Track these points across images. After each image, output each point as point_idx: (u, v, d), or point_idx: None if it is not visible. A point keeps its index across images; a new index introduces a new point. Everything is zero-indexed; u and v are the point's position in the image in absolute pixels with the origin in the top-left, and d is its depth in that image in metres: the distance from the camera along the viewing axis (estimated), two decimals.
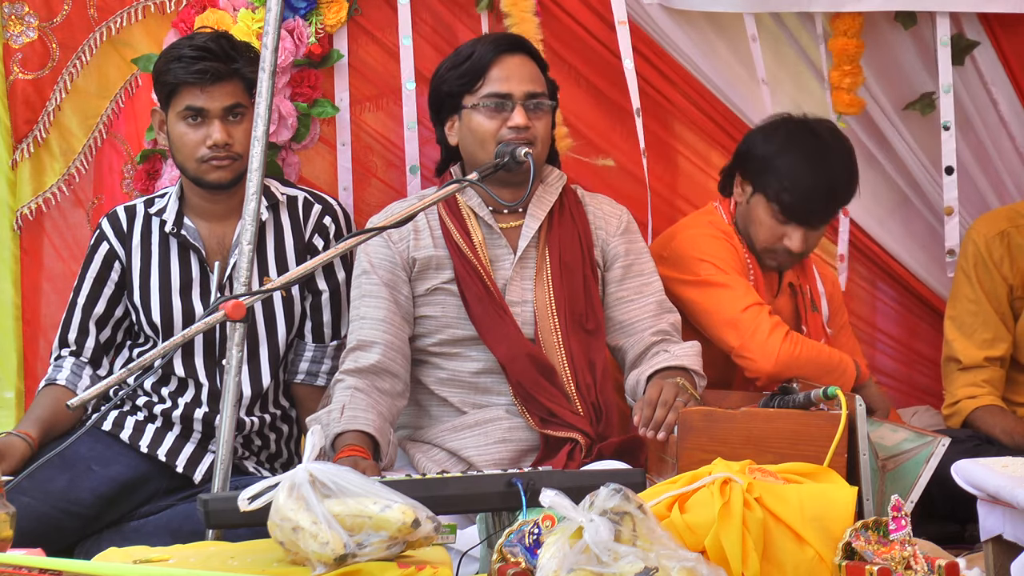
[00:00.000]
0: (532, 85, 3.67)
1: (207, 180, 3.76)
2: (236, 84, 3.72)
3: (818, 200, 3.94)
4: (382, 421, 3.54)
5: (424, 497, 2.67)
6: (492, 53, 3.67)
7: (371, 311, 3.66)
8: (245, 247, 3.37)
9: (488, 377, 3.69)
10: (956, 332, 4.27)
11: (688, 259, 3.95)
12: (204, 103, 3.70)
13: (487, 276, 3.67)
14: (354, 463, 3.30)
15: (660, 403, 3.45)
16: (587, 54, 4.36)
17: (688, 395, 3.51)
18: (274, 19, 3.39)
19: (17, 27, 4.19)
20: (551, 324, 3.68)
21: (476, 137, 3.65)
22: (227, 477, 3.28)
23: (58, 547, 3.47)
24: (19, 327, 4.22)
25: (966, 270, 4.27)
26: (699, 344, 3.75)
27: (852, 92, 4.42)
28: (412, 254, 3.71)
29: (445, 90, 3.72)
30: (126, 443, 3.75)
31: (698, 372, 3.66)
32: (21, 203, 4.22)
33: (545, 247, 3.72)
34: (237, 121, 3.73)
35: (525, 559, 2.63)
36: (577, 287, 3.71)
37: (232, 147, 3.71)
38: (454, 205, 3.73)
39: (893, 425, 3.78)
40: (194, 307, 3.80)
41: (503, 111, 3.64)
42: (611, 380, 3.78)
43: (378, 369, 3.61)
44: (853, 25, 4.38)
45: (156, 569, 2.61)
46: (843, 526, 2.75)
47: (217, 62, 3.70)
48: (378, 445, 3.50)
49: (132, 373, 3.11)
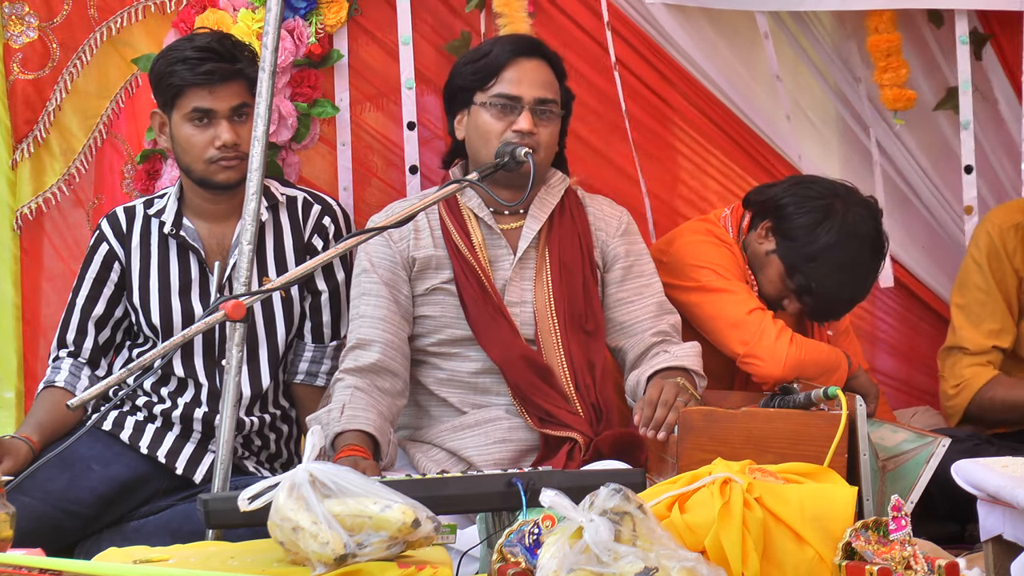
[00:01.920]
0: (543, 91, 3.66)
1: (215, 181, 3.75)
2: (241, 84, 3.72)
3: (835, 310, 3.97)
4: (382, 420, 3.54)
5: (424, 497, 2.68)
6: (509, 54, 3.67)
7: (370, 310, 3.66)
8: (245, 247, 3.37)
9: (487, 377, 3.69)
10: (964, 320, 4.21)
11: (687, 266, 3.94)
12: (211, 104, 3.70)
13: (485, 277, 3.67)
14: (354, 463, 3.30)
15: (660, 403, 3.45)
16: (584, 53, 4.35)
17: (688, 395, 3.51)
18: (274, 19, 3.39)
19: (17, 27, 4.19)
20: (551, 325, 3.68)
21: (480, 134, 3.65)
22: (227, 477, 3.28)
23: (58, 547, 3.47)
24: (19, 327, 4.22)
25: (977, 259, 4.23)
26: (699, 345, 3.75)
27: (898, 86, 4.39)
28: (412, 253, 3.71)
29: (459, 83, 3.73)
30: (126, 443, 3.74)
31: (698, 372, 3.66)
32: (21, 203, 4.22)
33: (545, 248, 3.72)
34: (243, 121, 3.73)
35: (525, 559, 2.63)
36: (576, 288, 3.71)
37: (240, 147, 3.71)
38: (454, 205, 3.73)
39: (893, 426, 3.78)
40: (194, 308, 3.79)
41: (510, 113, 3.63)
42: (611, 381, 3.78)
43: (378, 368, 3.61)
44: (883, 20, 4.36)
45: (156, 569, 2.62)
46: (843, 526, 2.75)
47: (223, 63, 3.70)
48: (378, 445, 3.50)
49: (131, 373, 3.11)
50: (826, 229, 3.83)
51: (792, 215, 3.89)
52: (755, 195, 4.05)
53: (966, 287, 4.25)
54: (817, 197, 3.90)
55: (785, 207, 3.91)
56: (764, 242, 3.94)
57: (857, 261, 3.87)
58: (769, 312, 3.88)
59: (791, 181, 4.06)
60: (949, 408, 4.25)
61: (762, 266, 3.95)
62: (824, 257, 3.83)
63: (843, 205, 3.87)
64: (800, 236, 3.85)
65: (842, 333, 4.21)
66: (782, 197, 3.94)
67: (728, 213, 4.07)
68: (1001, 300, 4.21)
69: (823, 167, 4.47)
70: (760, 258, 3.95)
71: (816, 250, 3.83)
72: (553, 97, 3.68)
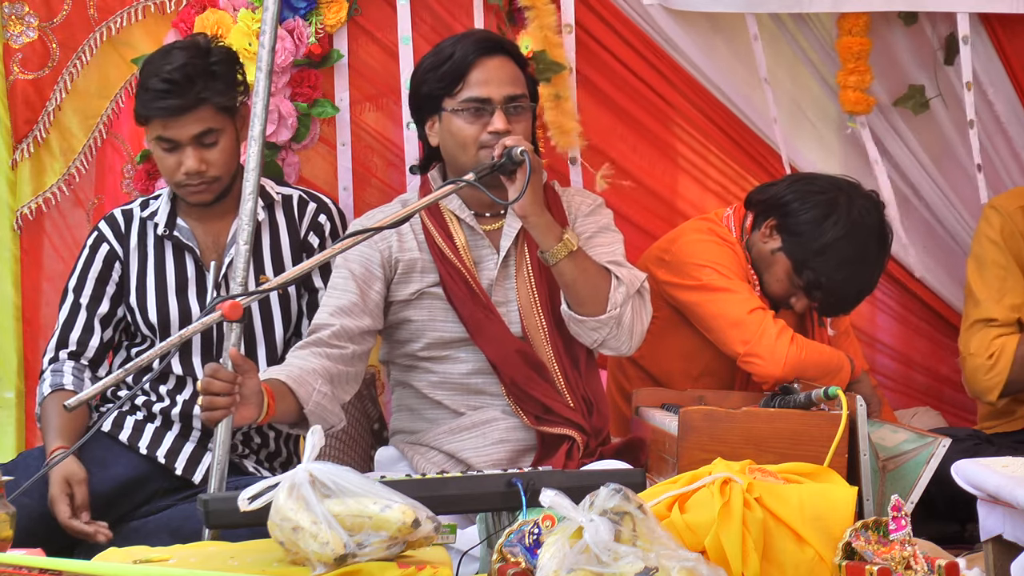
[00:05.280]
0: (511, 88, 3.65)
1: (188, 201, 3.77)
2: (204, 111, 3.66)
3: (845, 303, 3.97)
4: (301, 371, 3.47)
5: (424, 497, 2.68)
6: (472, 55, 3.64)
7: (333, 300, 3.64)
8: (242, 247, 3.37)
9: (479, 377, 3.68)
10: (987, 294, 4.18)
11: (689, 265, 3.94)
12: (173, 134, 3.67)
13: (472, 278, 3.66)
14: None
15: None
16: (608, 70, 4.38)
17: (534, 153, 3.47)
18: (271, 19, 3.39)
19: (17, 27, 4.19)
20: (537, 322, 3.68)
21: (457, 141, 3.64)
22: (223, 477, 3.29)
23: (58, 547, 3.46)
24: (19, 327, 4.22)
25: (992, 237, 4.19)
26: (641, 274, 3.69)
27: (860, 90, 4.40)
28: (396, 255, 3.69)
29: (425, 91, 3.69)
30: (125, 444, 3.74)
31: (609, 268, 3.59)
32: (21, 203, 4.22)
33: (524, 246, 3.71)
34: (211, 144, 3.70)
35: (525, 559, 2.63)
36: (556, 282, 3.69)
37: (207, 172, 3.70)
38: (435, 209, 3.70)
39: (893, 426, 3.78)
40: (191, 307, 3.79)
41: (483, 116, 3.61)
42: (596, 373, 3.78)
43: (321, 341, 3.57)
44: (858, 24, 4.37)
45: (156, 569, 2.62)
46: (843, 526, 2.75)
47: (181, 97, 3.63)
48: (293, 392, 3.42)
49: (128, 373, 3.11)
50: (833, 222, 3.85)
51: (797, 211, 3.89)
52: (757, 194, 4.05)
53: (984, 264, 4.21)
54: (820, 192, 3.91)
55: (789, 204, 3.92)
56: (769, 241, 3.94)
57: (864, 253, 3.88)
58: (770, 312, 3.88)
59: (792, 179, 4.07)
60: (988, 380, 4.15)
61: (768, 265, 3.95)
62: (832, 250, 3.84)
63: (847, 198, 3.89)
64: (807, 231, 3.86)
65: (842, 334, 4.21)
66: (785, 194, 3.94)
67: (730, 213, 4.07)
68: (1020, 275, 4.19)
69: (823, 167, 4.47)
70: (766, 257, 3.95)
71: (824, 244, 3.84)
72: (521, 92, 3.67)
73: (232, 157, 3.75)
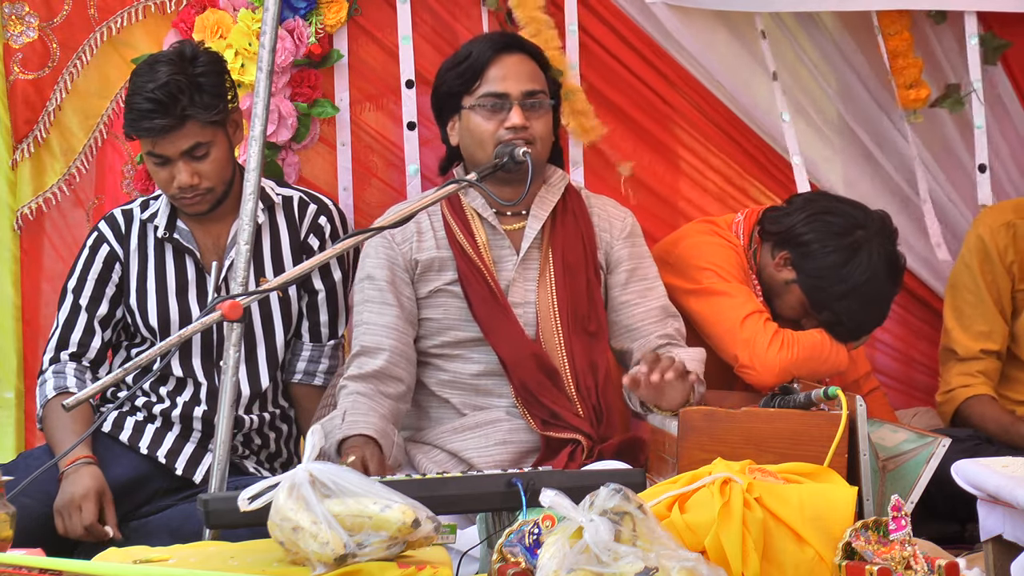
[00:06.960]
0: (530, 84, 3.66)
1: (185, 211, 3.77)
2: (191, 126, 3.63)
3: (858, 334, 3.97)
4: (384, 423, 3.54)
5: (424, 497, 2.68)
6: (489, 52, 3.67)
7: (375, 316, 3.66)
8: (243, 248, 3.37)
9: (489, 379, 3.69)
10: (954, 322, 4.27)
11: (691, 267, 3.94)
12: (162, 150, 3.65)
13: (490, 277, 3.67)
14: (360, 455, 3.34)
15: (664, 359, 3.43)
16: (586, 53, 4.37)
17: (689, 387, 3.48)
18: (271, 19, 3.39)
19: (17, 27, 4.19)
20: (553, 326, 3.68)
21: (475, 138, 3.65)
22: (224, 478, 3.28)
23: (58, 547, 3.47)
24: (19, 327, 4.22)
25: (968, 261, 4.25)
26: (704, 351, 3.75)
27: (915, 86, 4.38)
28: (415, 256, 3.70)
29: (444, 90, 3.72)
30: (125, 444, 3.74)
31: (699, 378, 3.65)
32: (21, 203, 4.22)
33: (548, 248, 3.72)
34: (202, 157, 3.68)
35: (525, 559, 2.64)
36: (580, 289, 3.70)
37: (200, 185, 3.69)
38: (458, 206, 3.73)
39: (893, 426, 3.78)
40: (191, 308, 3.79)
41: (500, 111, 3.63)
42: (613, 383, 3.78)
43: (382, 374, 3.61)
44: (896, 23, 4.37)
45: (156, 569, 2.62)
46: (843, 526, 2.75)
47: (166, 116, 3.60)
48: (381, 448, 3.50)
49: (128, 373, 3.11)
50: (854, 267, 3.84)
51: (816, 253, 3.88)
52: (770, 225, 4.00)
53: (956, 289, 4.30)
54: (840, 234, 3.87)
55: (809, 244, 3.89)
56: (783, 271, 3.95)
57: (885, 290, 3.92)
58: (764, 316, 3.88)
59: (807, 210, 3.95)
60: (939, 413, 4.32)
61: (780, 293, 3.96)
62: (855, 295, 3.85)
63: (865, 238, 3.86)
64: (828, 275, 3.86)
65: None
66: (803, 233, 3.91)
67: (740, 219, 4.05)
68: (991, 302, 4.23)
69: (824, 167, 4.48)
70: (778, 286, 3.96)
71: (846, 290, 3.85)
72: (540, 88, 3.68)
73: (225, 166, 3.73)
